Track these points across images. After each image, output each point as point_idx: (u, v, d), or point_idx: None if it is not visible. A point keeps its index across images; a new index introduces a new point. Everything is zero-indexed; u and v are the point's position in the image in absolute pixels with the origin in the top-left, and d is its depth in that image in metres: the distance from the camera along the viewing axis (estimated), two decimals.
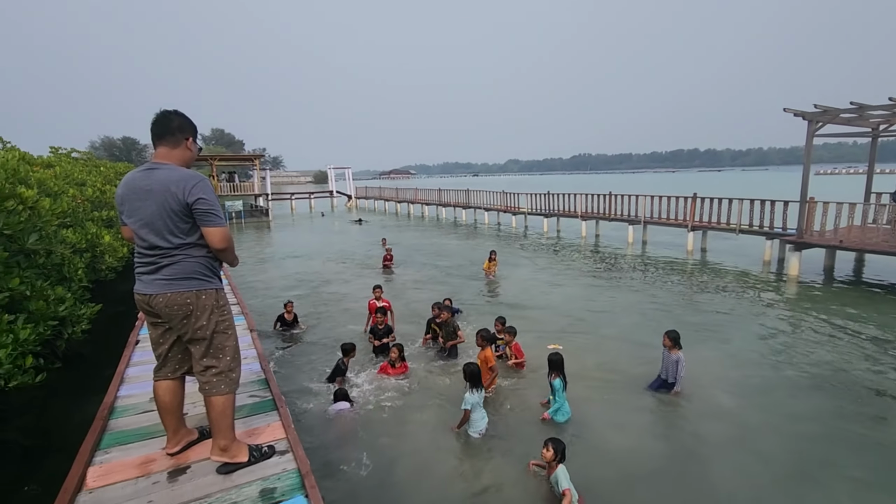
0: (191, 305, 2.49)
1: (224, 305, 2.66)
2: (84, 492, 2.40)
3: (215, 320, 2.58)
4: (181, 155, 2.59)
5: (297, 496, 2.39)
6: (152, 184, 2.41)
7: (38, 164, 8.24)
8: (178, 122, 2.58)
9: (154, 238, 2.41)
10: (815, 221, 11.90)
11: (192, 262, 2.50)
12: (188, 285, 2.48)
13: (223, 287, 2.69)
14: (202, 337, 2.54)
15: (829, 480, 4.09)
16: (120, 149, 72.60)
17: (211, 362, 2.58)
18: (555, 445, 3.86)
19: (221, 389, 2.57)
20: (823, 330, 7.77)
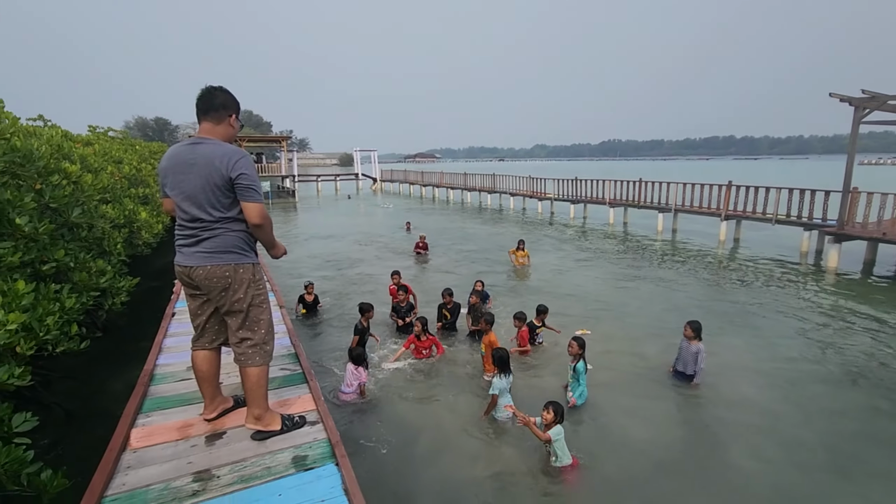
0: (229, 278, 2.54)
1: (260, 280, 2.72)
2: (128, 451, 2.52)
3: (252, 293, 2.63)
4: (224, 131, 2.64)
5: (327, 464, 2.46)
6: (197, 158, 2.45)
7: (79, 142, 8.52)
8: (223, 98, 2.62)
9: (196, 211, 2.47)
10: (857, 213, 11.40)
11: (232, 236, 2.55)
12: (227, 259, 2.53)
13: (259, 262, 2.74)
14: (239, 309, 2.60)
15: (860, 476, 3.98)
16: (153, 129, 74.55)
17: (246, 334, 2.64)
18: (555, 408, 4.06)
19: (256, 361, 2.64)
20: (860, 325, 7.49)
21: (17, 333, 2.99)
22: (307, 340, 7.04)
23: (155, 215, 8.73)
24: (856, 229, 11.32)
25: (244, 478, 2.33)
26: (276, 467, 2.42)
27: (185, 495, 2.18)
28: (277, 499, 2.19)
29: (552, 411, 4.04)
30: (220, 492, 2.22)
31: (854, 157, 11.56)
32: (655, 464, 4.17)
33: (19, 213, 3.78)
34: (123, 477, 2.30)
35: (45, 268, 4.05)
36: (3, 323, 2.84)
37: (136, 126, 74.44)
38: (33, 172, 4.43)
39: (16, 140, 4.25)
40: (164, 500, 2.15)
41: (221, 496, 2.19)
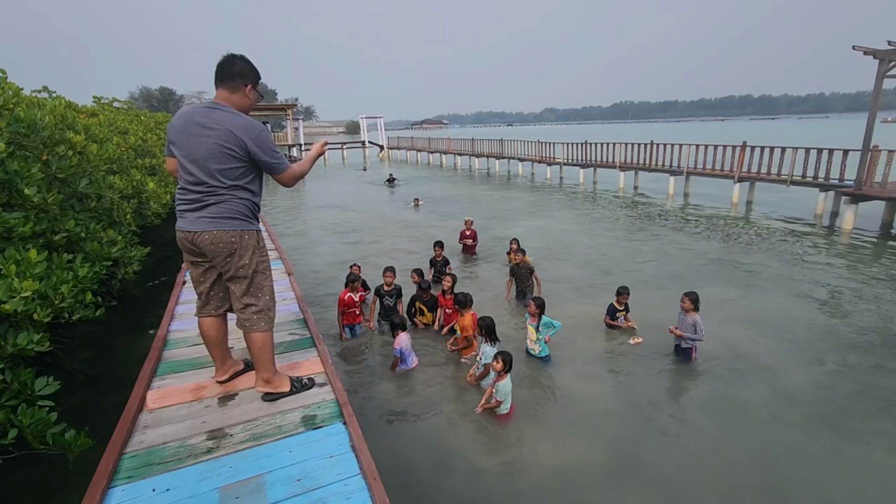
0: (235, 244, 2.54)
1: (263, 247, 2.74)
2: (145, 411, 2.62)
3: (256, 260, 2.64)
4: (239, 101, 2.60)
5: (335, 423, 2.54)
6: (212, 123, 2.41)
7: (84, 113, 8.49)
8: (241, 67, 2.57)
9: (202, 175, 2.43)
10: (876, 172, 11.09)
11: (238, 203, 2.54)
12: (233, 224, 2.53)
13: (261, 230, 2.76)
14: (244, 275, 2.61)
15: (866, 436, 4.02)
16: (158, 99, 73.95)
17: (251, 300, 2.66)
18: (504, 357, 4.26)
19: (261, 327, 2.67)
20: (874, 287, 7.39)
21: (33, 301, 3.07)
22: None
23: (163, 186, 8.77)
24: (874, 189, 11.04)
25: (256, 436, 2.41)
26: (286, 426, 2.50)
27: (199, 452, 2.28)
28: (288, 455, 2.27)
29: (501, 360, 4.23)
30: (233, 449, 2.30)
31: (876, 114, 11.16)
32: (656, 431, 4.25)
33: (27, 184, 3.82)
34: (141, 435, 2.40)
35: (57, 238, 4.12)
36: (18, 290, 2.91)
37: (141, 96, 73.90)
38: (39, 143, 4.44)
39: (20, 111, 4.25)
40: (181, 457, 2.24)
41: (234, 453, 2.28)
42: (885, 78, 10.87)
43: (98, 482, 2.01)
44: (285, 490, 2.04)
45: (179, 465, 2.18)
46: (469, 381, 4.91)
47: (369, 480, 2.08)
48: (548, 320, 5.27)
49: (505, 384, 4.23)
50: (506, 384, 4.24)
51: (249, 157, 2.49)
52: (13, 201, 3.79)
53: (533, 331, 5.34)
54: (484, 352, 4.80)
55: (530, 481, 3.55)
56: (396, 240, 11.16)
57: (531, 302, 5.35)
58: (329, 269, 8.90)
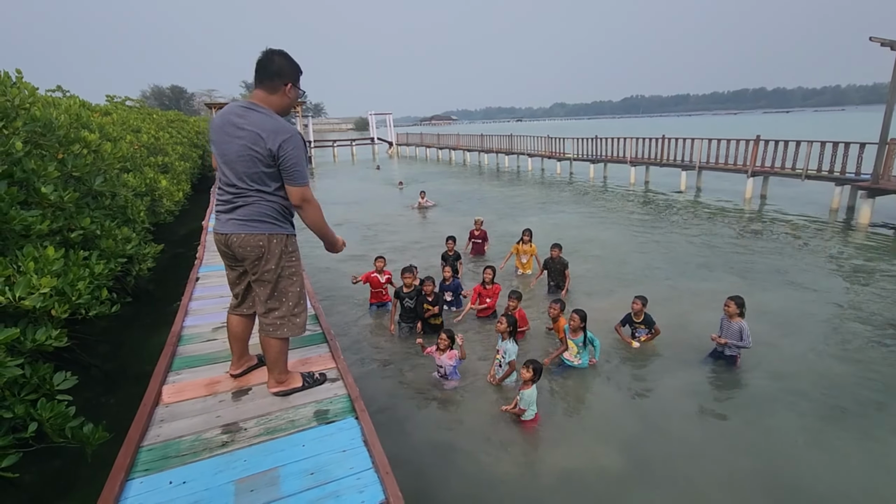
0: (263, 248, 2.49)
1: (293, 252, 2.67)
2: (161, 406, 2.66)
3: (283, 265, 2.59)
4: (279, 101, 2.51)
5: (348, 418, 2.56)
6: (245, 124, 2.37)
7: (97, 112, 8.61)
8: (279, 65, 2.47)
9: (232, 176, 2.43)
10: (894, 165, 10.87)
11: (266, 205, 2.48)
12: (261, 228, 2.47)
13: (295, 233, 2.69)
14: (268, 280, 2.57)
15: (882, 429, 3.96)
16: (169, 97, 74.68)
17: (274, 304, 2.63)
18: (534, 366, 4.14)
19: (283, 332, 2.64)
20: (888, 283, 7.26)
21: (50, 297, 3.13)
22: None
23: (175, 183, 8.88)
24: (892, 183, 10.83)
25: (269, 430, 2.44)
26: (298, 420, 2.53)
27: (215, 445, 2.31)
28: (301, 449, 2.30)
29: (531, 369, 4.12)
30: (247, 442, 2.33)
31: (893, 106, 10.93)
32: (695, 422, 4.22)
33: (44, 183, 3.88)
34: (157, 429, 2.44)
35: (73, 235, 4.19)
36: (37, 287, 2.97)
37: (153, 95, 74.71)
38: (54, 142, 4.51)
39: (36, 110, 4.32)
40: (196, 450, 2.27)
41: (249, 446, 2.31)
42: None
43: (117, 474, 2.04)
44: (299, 483, 2.07)
45: (195, 459, 2.22)
46: (490, 381, 4.83)
47: (381, 474, 2.10)
48: (591, 336, 5.03)
49: (530, 393, 4.12)
50: (531, 393, 4.12)
51: (275, 161, 2.40)
52: (30, 199, 3.85)
53: (574, 346, 5.04)
54: (506, 350, 4.69)
55: (544, 482, 3.51)
56: (407, 237, 11.18)
57: (575, 315, 4.97)
58: (339, 265, 8.94)
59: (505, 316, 4.82)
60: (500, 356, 4.76)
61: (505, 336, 4.73)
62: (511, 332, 4.71)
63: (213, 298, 4.50)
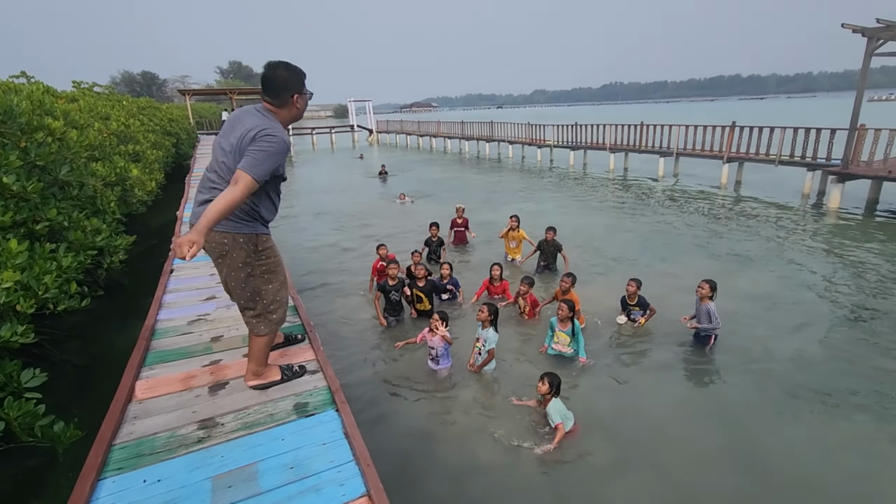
0: (226, 245, 2.43)
1: (265, 251, 2.60)
2: (134, 402, 2.59)
3: (252, 264, 2.54)
4: (288, 114, 2.47)
5: (328, 410, 2.53)
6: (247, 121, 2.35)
7: (63, 98, 8.26)
8: (283, 79, 2.39)
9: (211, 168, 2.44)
10: (863, 150, 11.17)
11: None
12: (225, 226, 2.39)
13: (268, 232, 2.62)
14: (236, 278, 2.51)
15: (848, 408, 4.11)
16: (140, 84, 72.18)
17: (248, 304, 2.59)
18: (550, 379, 3.91)
19: (261, 330, 2.61)
20: (856, 263, 7.50)
21: (15, 292, 3.00)
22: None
23: (147, 173, 8.60)
24: (860, 168, 11.14)
25: (247, 424, 2.40)
26: (278, 414, 2.49)
27: (190, 442, 2.26)
28: (280, 443, 2.27)
29: (547, 382, 3.91)
30: (224, 438, 2.29)
31: (863, 92, 11.20)
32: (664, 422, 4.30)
33: (6, 172, 3.71)
34: (130, 426, 2.38)
35: (39, 227, 4.02)
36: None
37: (123, 81, 72.00)
38: (16, 130, 4.31)
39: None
40: (171, 447, 2.22)
41: (226, 442, 2.27)
42: (879, 56, 10.89)
43: (87, 475, 1.99)
44: (279, 478, 2.04)
45: (170, 456, 2.17)
46: (470, 369, 4.84)
47: (363, 466, 2.08)
48: (578, 328, 5.02)
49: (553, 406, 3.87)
50: (553, 406, 3.87)
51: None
52: None
53: (565, 336, 5.04)
54: (487, 338, 4.69)
55: (525, 473, 3.52)
56: (387, 226, 11.09)
57: (563, 305, 4.99)
58: (318, 256, 8.85)
59: (486, 304, 4.81)
60: (479, 344, 4.77)
61: (486, 324, 4.72)
62: (492, 320, 4.71)
63: (188, 290, 4.39)
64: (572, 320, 5.01)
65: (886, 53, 11.03)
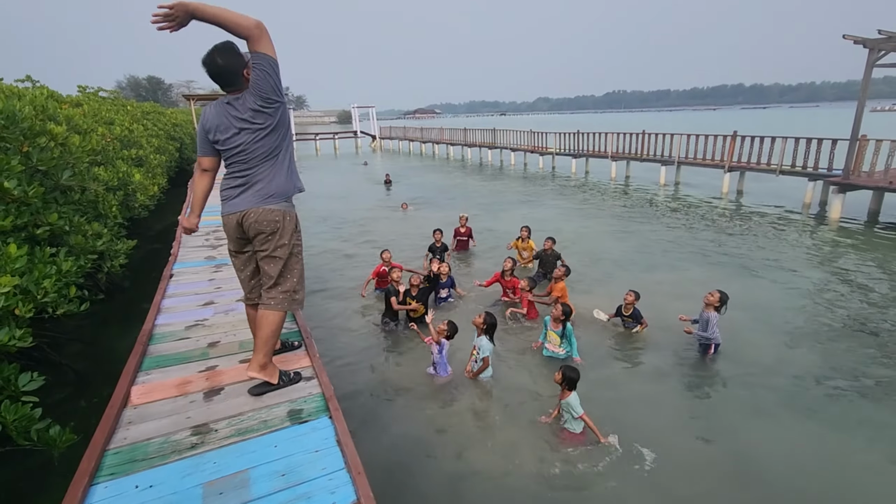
0: (279, 223, 2.61)
1: (299, 231, 2.81)
2: (129, 407, 2.60)
3: (293, 242, 2.72)
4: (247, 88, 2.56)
5: (321, 417, 2.54)
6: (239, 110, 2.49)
7: (67, 103, 8.33)
8: (228, 64, 2.46)
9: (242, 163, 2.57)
10: (864, 161, 11.17)
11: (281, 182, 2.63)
12: (278, 203, 2.61)
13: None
14: (280, 256, 2.66)
15: (848, 422, 4.09)
16: (146, 88, 72.78)
17: (280, 280, 2.71)
18: (563, 371, 3.92)
19: (284, 307, 2.71)
20: (858, 276, 7.48)
21: (14, 296, 3.02)
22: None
23: (150, 177, 8.66)
24: (861, 178, 11.13)
25: (241, 431, 2.40)
26: (271, 420, 2.50)
27: (184, 448, 2.27)
28: (273, 450, 2.27)
29: (561, 373, 3.92)
30: (217, 444, 2.30)
31: (865, 103, 11.23)
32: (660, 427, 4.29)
33: (7, 177, 3.74)
34: (125, 431, 2.38)
35: (40, 231, 4.05)
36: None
37: (129, 86, 72.67)
38: (18, 135, 4.35)
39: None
40: (164, 453, 2.23)
41: (219, 448, 2.27)
42: (881, 67, 10.92)
43: (80, 480, 1.99)
44: (270, 485, 2.04)
45: (163, 462, 2.17)
46: (467, 375, 4.84)
47: (354, 475, 2.09)
48: (570, 330, 5.13)
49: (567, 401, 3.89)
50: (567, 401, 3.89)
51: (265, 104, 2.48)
52: None
53: (556, 336, 5.17)
54: (481, 346, 4.71)
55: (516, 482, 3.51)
56: (389, 232, 11.12)
57: (558, 306, 5.17)
58: (318, 262, 8.87)
59: (486, 312, 4.83)
60: (475, 352, 4.77)
61: (479, 331, 4.74)
62: (486, 329, 4.71)
63: (188, 296, 4.41)
64: (564, 322, 5.12)
65: (888, 65, 11.07)
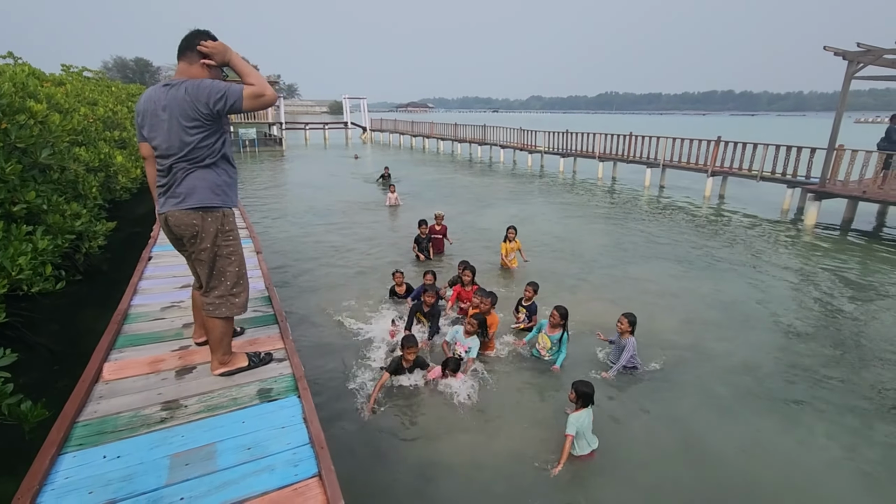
0: (197, 226, 2.51)
1: (230, 231, 2.66)
2: (101, 382, 2.65)
3: (220, 243, 2.61)
4: (198, 73, 2.52)
5: (290, 396, 2.61)
6: (168, 101, 2.39)
7: (49, 81, 8.21)
8: (199, 39, 2.50)
9: (169, 157, 2.46)
10: (840, 170, 11.47)
11: (200, 181, 2.50)
12: (194, 203, 2.49)
13: (231, 209, 2.69)
14: (204, 259, 2.60)
15: (808, 417, 4.27)
16: (133, 70, 71.39)
17: (213, 284, 2.66)
18: (575, 387, 3.69)
19: (222, 312, 2.67)
20: (827, 281, 7.73)
21: None
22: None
23: (133, 160, 8.58)
24: (837, 187, 11.43)
25: (210, 407, 2.47)
26: (241, 398, 2.57)
27: (153, 422, 2.33)
28: (241, 425, 2.34)
29: (572, 390, 3.72)
30: (186, 419, 2.36)
31: (842, 114, 11.52)
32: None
33: None
34: (95, 405, 2.44)
35: (16, 209, 4.04)
36: None
37: (116, 67, 71.16)
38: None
39: None
40: (134, 426, 2.29)
41: (188, 423, 2.34)
42: (859, 79, 11.20)
43: (48, 449, 2.05)
44: (235, 457, 2.12)
45: (132, 434, 2.24)
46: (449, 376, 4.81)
47: (317, 449, 2.17)
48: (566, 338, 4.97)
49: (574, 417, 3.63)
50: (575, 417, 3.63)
51: (209, 115, 2.42)
52: None
53: (548, 341, 5.01)
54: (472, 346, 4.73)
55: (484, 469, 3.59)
56: (375, 225, 11.16)
57: (555, 311, 4.94)
58: (302, 250, 8.90)
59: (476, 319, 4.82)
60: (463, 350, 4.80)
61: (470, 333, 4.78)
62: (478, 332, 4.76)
63: (165, 278, 4.44)
64: (564, 327, 4.92)
65: (866, 77, 11.37)
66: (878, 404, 4.45)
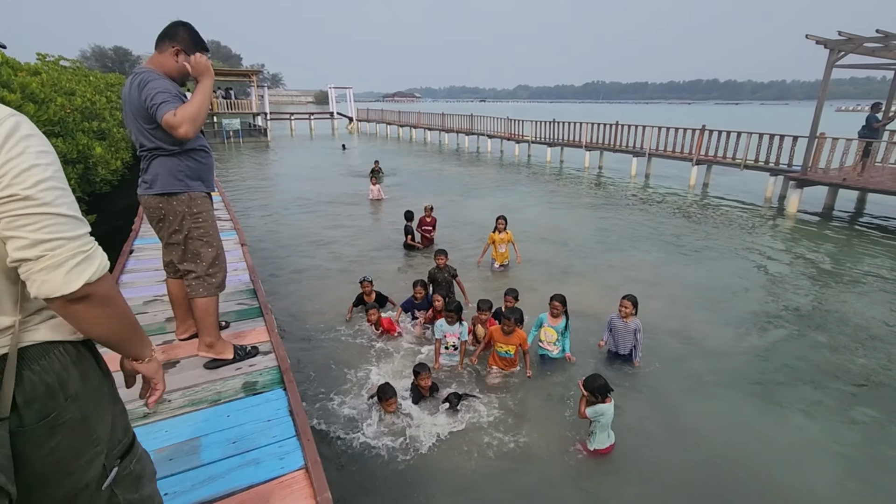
0: (163, 210, 2.56)
1: (200, 213, 2.64)
2: None
3: (188, 226, 2.62)
4: (164, 61, 2.49)
5: (276, 389, 2.60)
6: (131, 90, 2.43)
7: (24, 71, 7.96)
8: (173, 29, 2.50)
9: (136, 142, 2.53)
10: (821, 158, 11.65)
11: (166, 165, 2.53)
12: (161, 188, 2.54)
13: (201, 192, 2.67)
14: (176, 241, 2.65)
15: (788, 405, 4.37)
16: (112, 59, 69.64)
17: (189, 266, 2.70)
18: (587, 387, 3.56)
19: (200, 293, 2.69)
20: (806, 266, 7.89)
21: None
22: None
23: (113, 152, 8.40)
24: (818, 175, 11.62)
25: (194, 401, 2.45)
26: (226, 392, 2.55)
27: (135, 417, 2.30)
28: (226, 419, 2.33)
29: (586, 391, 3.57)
30: (170, 414, 2.34)
31: (824, 102, 11.68)
32: None
33: None
34: None
35: None
36: None
37: (94, 56, 69.35)
38: None
39: None
40: None
41: (171, 417, 2.32)
42: (840, 68, 11.34)
43: None
44: (220, 451, 2.10)
45: None
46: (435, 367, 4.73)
47: (303, 441, 2.16)
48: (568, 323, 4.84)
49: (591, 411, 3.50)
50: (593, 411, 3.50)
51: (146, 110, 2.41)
52: None
53: (554, 333, 4.81)
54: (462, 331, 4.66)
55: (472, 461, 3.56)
56: (362, 217, 11.10)
57: (555, 302, 4.78)
58: (288, 241, 8.82)
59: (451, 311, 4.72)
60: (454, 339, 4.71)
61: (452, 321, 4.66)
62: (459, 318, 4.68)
63: (147, 272, 4.37)
64: (565, 313, 4.80)
65: (847, 65, 11.51)
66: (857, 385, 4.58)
